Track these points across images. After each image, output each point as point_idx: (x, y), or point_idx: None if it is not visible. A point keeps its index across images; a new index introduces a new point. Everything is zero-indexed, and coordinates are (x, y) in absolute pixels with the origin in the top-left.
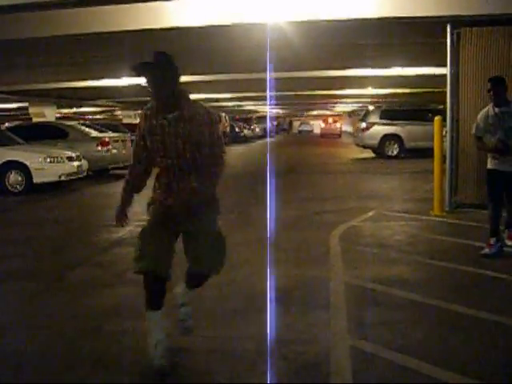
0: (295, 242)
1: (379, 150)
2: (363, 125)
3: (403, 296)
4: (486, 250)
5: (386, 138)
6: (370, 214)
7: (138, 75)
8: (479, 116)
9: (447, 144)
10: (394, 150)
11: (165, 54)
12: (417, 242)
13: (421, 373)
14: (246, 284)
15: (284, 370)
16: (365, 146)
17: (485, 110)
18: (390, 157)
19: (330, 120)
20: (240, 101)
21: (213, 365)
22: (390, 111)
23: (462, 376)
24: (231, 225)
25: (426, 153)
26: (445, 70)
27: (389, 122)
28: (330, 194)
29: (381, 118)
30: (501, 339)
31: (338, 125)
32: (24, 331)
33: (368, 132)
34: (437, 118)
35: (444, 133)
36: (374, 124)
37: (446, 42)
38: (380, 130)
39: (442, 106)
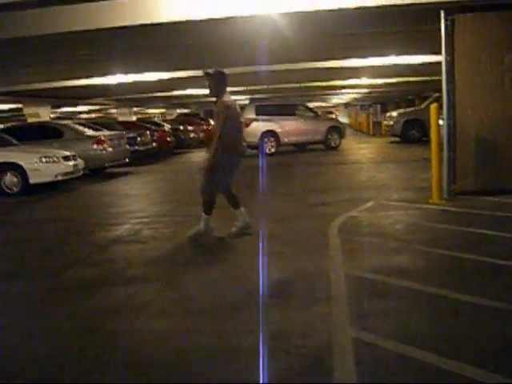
0: (295, 233)
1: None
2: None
3: (403, 285)
4: None
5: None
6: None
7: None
8: None
9: (444, 131)
10: (271, 147)
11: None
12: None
13: (422, 361)
14: (243, 278)
15: (286, 365)
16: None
17: None
18: (268, 155)
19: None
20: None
21: None
22: (265, 106)
23: (466, 364)
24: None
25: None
26: (441, 58)
27: (266, 118)
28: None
29: (257, 114)
30: (501, 325)
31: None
32: (17, 333)
33: (247, 129)
34: (433, 106)
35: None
36: (253, 120)
37: (440, 29)
38: (260, 126)
39: (438, 94)
